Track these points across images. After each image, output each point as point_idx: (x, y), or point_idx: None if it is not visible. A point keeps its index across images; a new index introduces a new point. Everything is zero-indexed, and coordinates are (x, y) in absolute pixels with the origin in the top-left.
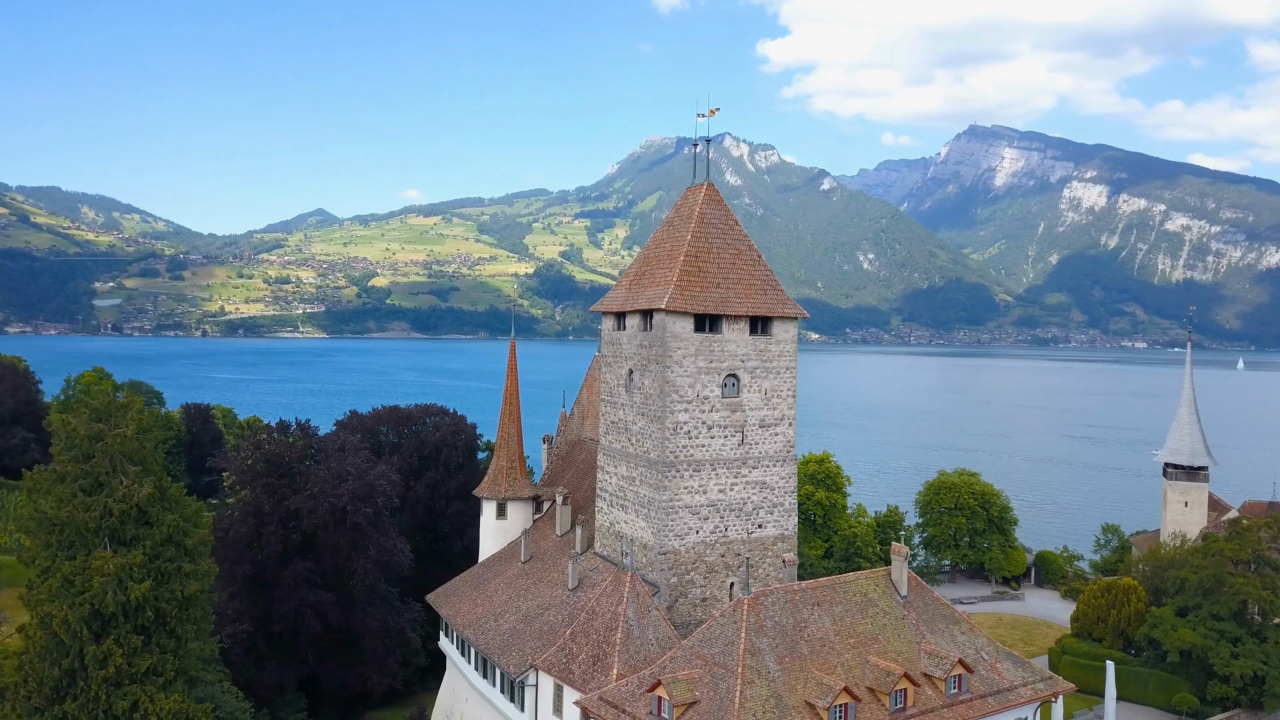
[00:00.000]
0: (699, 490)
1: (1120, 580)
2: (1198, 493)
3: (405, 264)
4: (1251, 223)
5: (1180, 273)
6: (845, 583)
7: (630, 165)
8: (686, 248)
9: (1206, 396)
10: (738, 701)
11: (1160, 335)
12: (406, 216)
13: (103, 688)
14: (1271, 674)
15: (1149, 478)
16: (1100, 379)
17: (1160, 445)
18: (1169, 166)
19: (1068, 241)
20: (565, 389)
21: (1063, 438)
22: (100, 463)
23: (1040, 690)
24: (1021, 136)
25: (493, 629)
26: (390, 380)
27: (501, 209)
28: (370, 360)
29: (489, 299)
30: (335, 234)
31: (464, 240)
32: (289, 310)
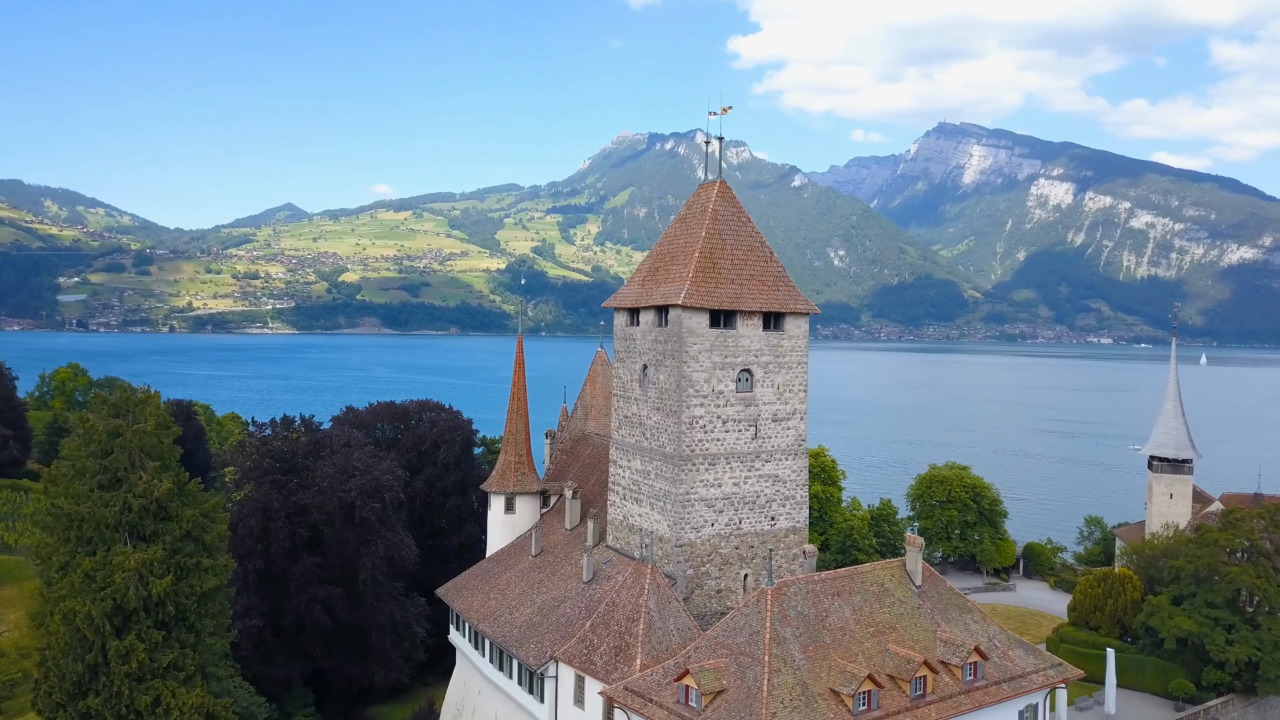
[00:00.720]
0: (714, 483)
1: (1116, 570)
2: (1182, 485)
3: (376, 259)
4: (1214, 220)
5: (1145, 269)
6: (862, 573)
7: (602, 161)
8: (701, 244)
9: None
10: (765, 689)
11: (1125, 331)
12: (377, 211)
13: (125, 683)
14: (1265, 659)
15: (1127, 471)
16: (1069, 374)
17: (1136, 440)
18: (1134, 165)
19: (1035, 238)
20: (566, 385)
21: (1038, 432)
22: (119, 458)
23: (1051, 676)
24: (990, 134)
25: (508, 622)
26: (365, 376)
27: (473, 204)
28: (343, 356)
29: (460, 294)
30: (305, 229)
31: (435, 235)
32: (258, 306)
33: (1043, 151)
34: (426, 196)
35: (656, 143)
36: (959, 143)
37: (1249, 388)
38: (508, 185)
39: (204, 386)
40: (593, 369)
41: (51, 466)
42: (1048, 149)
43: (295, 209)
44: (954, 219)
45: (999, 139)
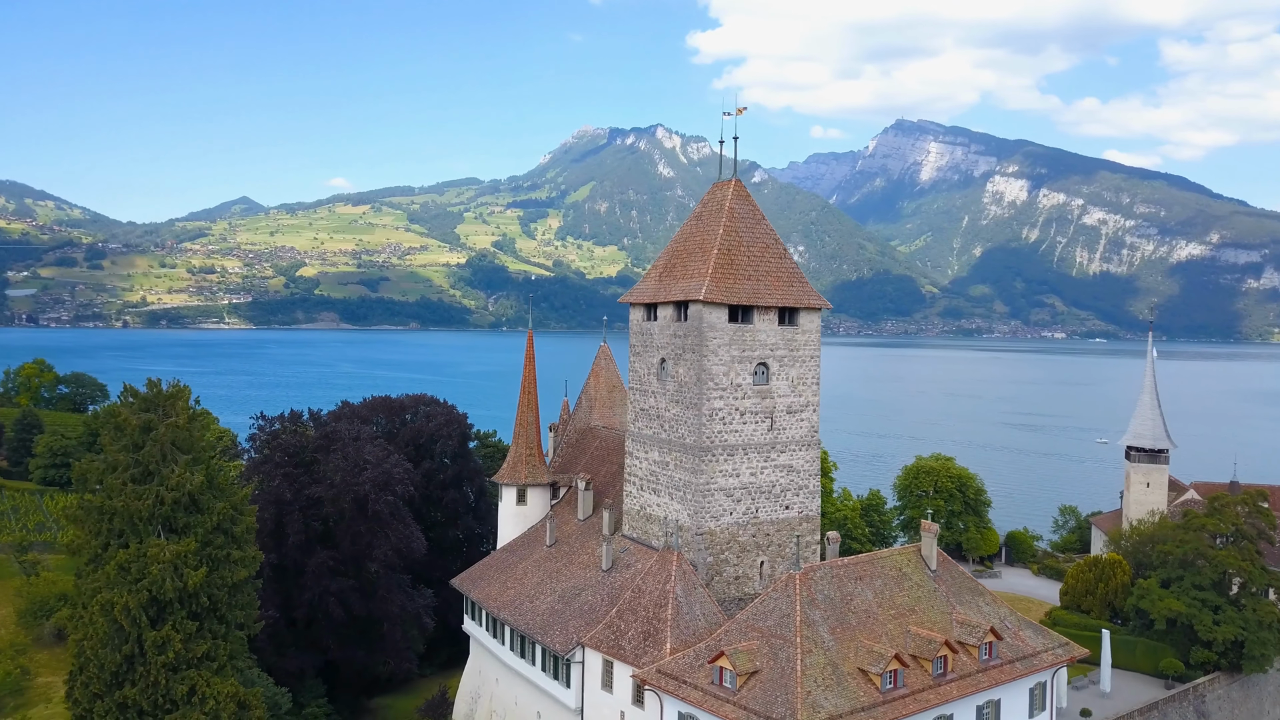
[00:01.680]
0: (732, 474)
1: (1105, 555)
2: (1158, 474)
3: (334, 253)
4: (1163, 217)
5: (1097, 265)
6: (882, 558)
7: (563, 155)
8: (719, 241)
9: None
10: (799, 670)
11: (1078, 326)
12: (334, 205)
13: (162, 673)
14: (1250, 638)
15: (1095, 463)
16: (1027, 369)
17: (1101, 433)
18: (1086, 162)
19: (990, 234)
20: (553, 379)
21: (1003, 426)
22: (151, 452)
23: (1059, 655)
24: (946, 131)
25: (529, 610)
26: (330, 372)
27: (432, 198)
28: (304, 352)
29: (420, 289)
30: (261, 223)
31: (394, 230)
32: (214, 301)
33: (998, 149)
34: (385, 190)
35: (617, 137)
36: (916, 140)
37: (1201, 380)
38: (467, 179)
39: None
40: (596, 363)
41: (82, 462)
42: (1003, 146)
43: (251, 202)
44: (911, 215)
45: (956, 136)
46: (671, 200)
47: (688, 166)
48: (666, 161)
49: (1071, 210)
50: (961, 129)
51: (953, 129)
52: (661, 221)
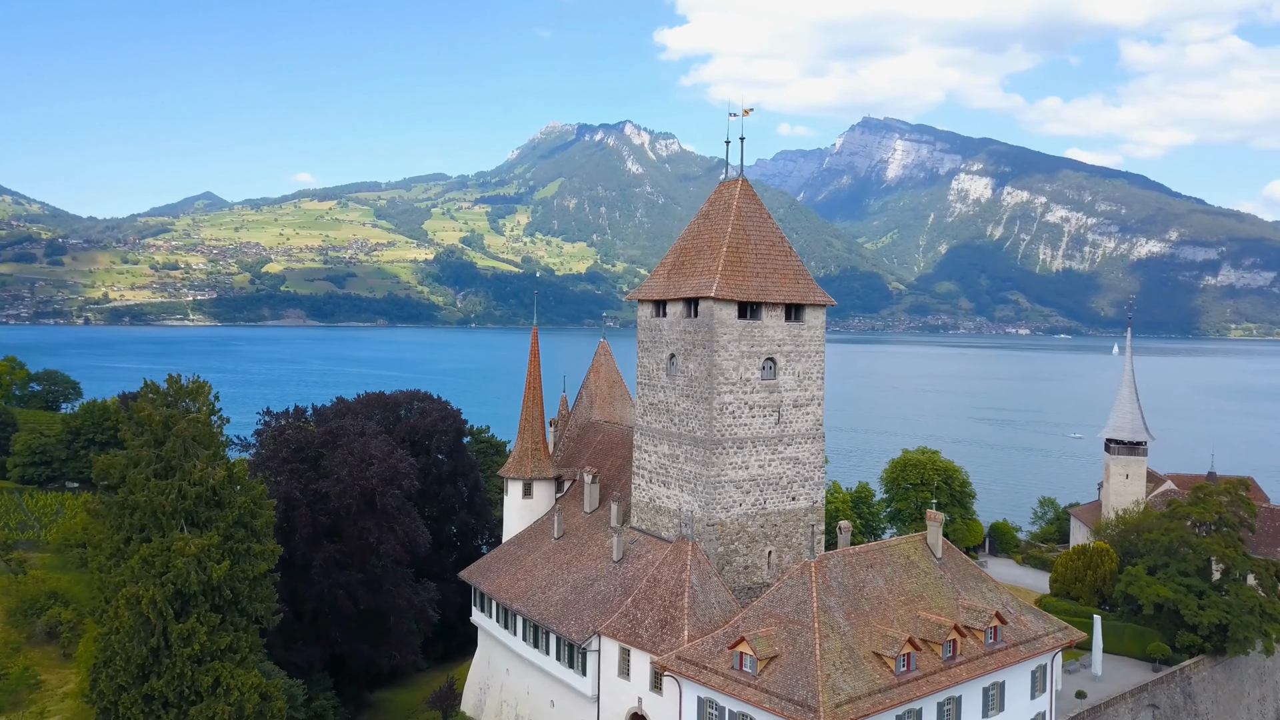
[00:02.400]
0: (742, 466)
1: (1093, 544)
2: (1137, 466)
3: (300, 249)
4: (1124, 215)
5: (1060, 262)
6: (890, 546)
7: (531, 151)
8: (728, 239)
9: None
10: (818, 654)
11: (1042, 322)
12: (300, 200)
13: (187, 665)
14: (1233, 622)
15: (1070, 456)
16: (994, 364)
17: (1073, 427)
18: (1049, 161)
19: (956, 232)
20: (566, 374)
21: (974, 420)
22: (173, 447)
23: (1060, 639)
24: (912, 129)
25: (542, 601)
26: (301, 370)
27: (399, 194)
28: (273, 349)
29: (387, 285)
30: (225, 218)
31: (360, 225)
32: (177, 297)
33: (963, 147)
34: (351, 186)
35: (586, 134)
36: (883, 137)
37: (1166, 376)
38: (435, 175)
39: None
40: (596, 359)
41: (102, 458)
42: (968, 144)
43: (215, 198)
44: (878, 212)
45: (921, 134)
46: (640, 197)
47: (656, 163)
48: (635, 158)
49: (1035, 208)
50: (927, 127)
51: (918, 127)
52: (630, 218)
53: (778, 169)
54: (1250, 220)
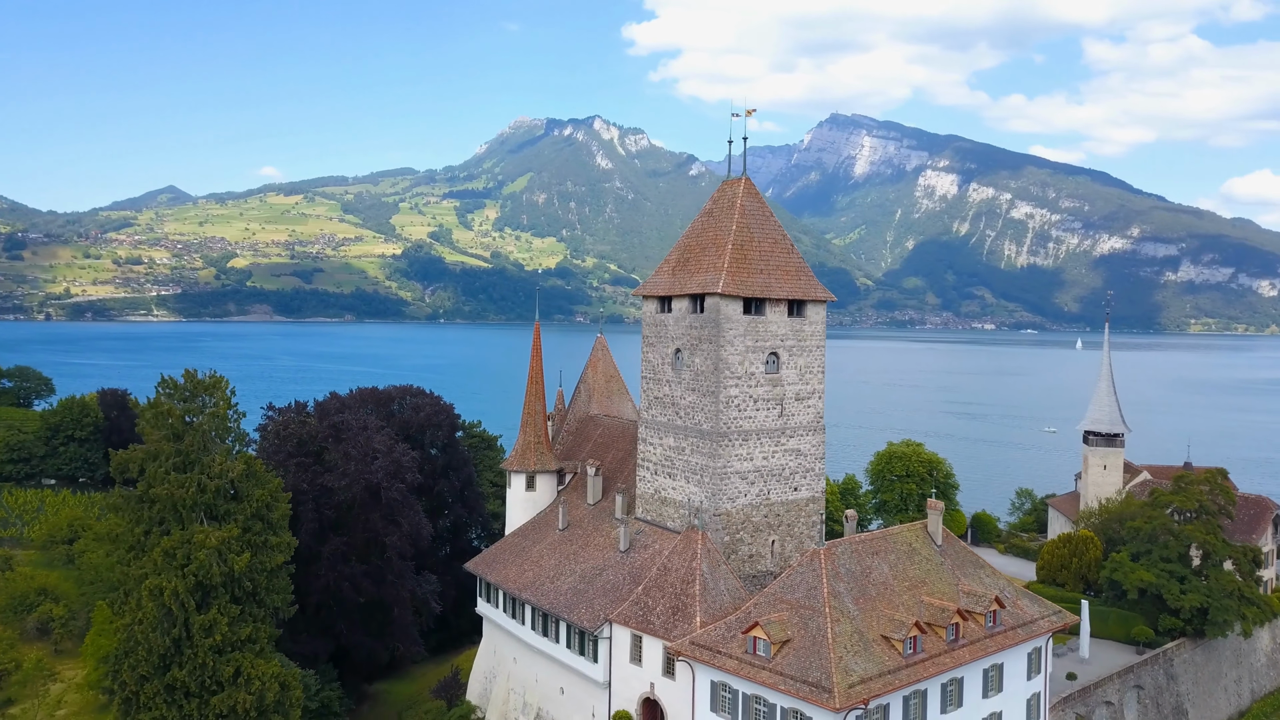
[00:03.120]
0: (746, 458)
1: (1079, 532)
2: (1115, 457)
3: (266, 244)
4: (1087, 211)
5: (1024, 258)
6: (893, 534)
7: (499, 146)
8: (733, 237)
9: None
10: (830, 637)
11: (1007, 317)
12: (266, 195)
13: (209, 655)
14: (1213, 606)
15: (1043, 449)
16: (962, 359)
17: (1046, 420)
18: (1014, 158)
19: (922, 228)
20: (561, 369)
21: (946, 414)
22: (193, 441)
23: (1054, 622)
24: (880, 125)
25: (552, 590)
26: (271, 366)
27: (366, 188)
28: (241, 345)
29: (355, 281)
30: (189, 212)
31: (327, 220)
32: (141, 293)
33: (929, 144)
34: (318, 180)
35: (555, 128)
36: (850, 134)
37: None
38: (402, 169)
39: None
40: (593, 354)
41: (120, 453)
42: (934, 141)
43: (178, 192)
44: (845, 209)
45: (888, 130)
46: (610, 192)
47: (625, 158)
48: (605, 153)
49: (1000, 204)
50: (894, 124)
51: (885, 123)
52: (600, 213)
53: (747, 165)
54: (1209, 217)
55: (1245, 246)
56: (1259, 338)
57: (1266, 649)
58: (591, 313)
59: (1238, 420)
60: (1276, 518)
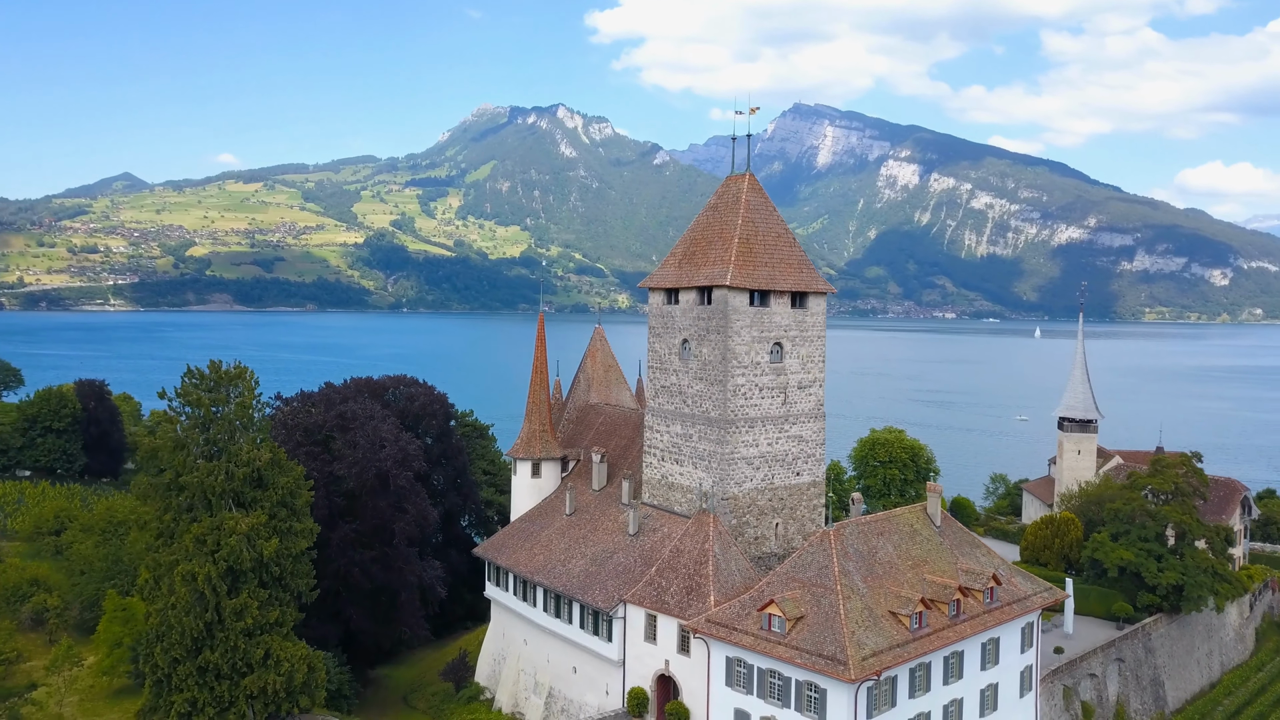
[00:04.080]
0: (752, 444)
1: (1060, 514)
2: (1088, 442)
3: (225, 233)
4: (1045, 202)
5: (984, 248)
6: (895, 516)
7: (462, 134)
8: (739, 231)
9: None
10: (842, 613)
11: (967, 306)
12: (225, 182)
13: (240, 638)
14: (1189, 583)
15: (1013, 436)
16: (926, 348)
17: (1013, 407)
18: (974, 148)
19: (884, 218)
20: (558, 359)
21: (915, 402)
22: (220, 430)
23: (1046, 598)
24: (842, 116)
25: (564, 573)
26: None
27: (327, 176)
28: (203, 335)
29: (317, 270)
30: (146, 200)
31: (288, 208)
32: (97, 281)
33: (891, 134)
34: (277, 167)
35: (518, 116)
36: (813, 124)
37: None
38: (364, 157)
39: (71, 368)
40: (592, 344)
41: (149, 441)
42: (896, 131)
43: (134, 179)
44: (809, 198)
45: (851, 121)
46: (574, 180)
47: (590, 146)
48: (569, 141)
49: (960, 194)
50: (857, 114)
51: (848, 114)
52: (565, 202)
53: (710, 154)
54: (1163, 208)
55: (1198, 237)
56: (1210, 326)
57: (1235, 624)
58: (557, 302)
59: (1198, 407)
60: (1244, 499)
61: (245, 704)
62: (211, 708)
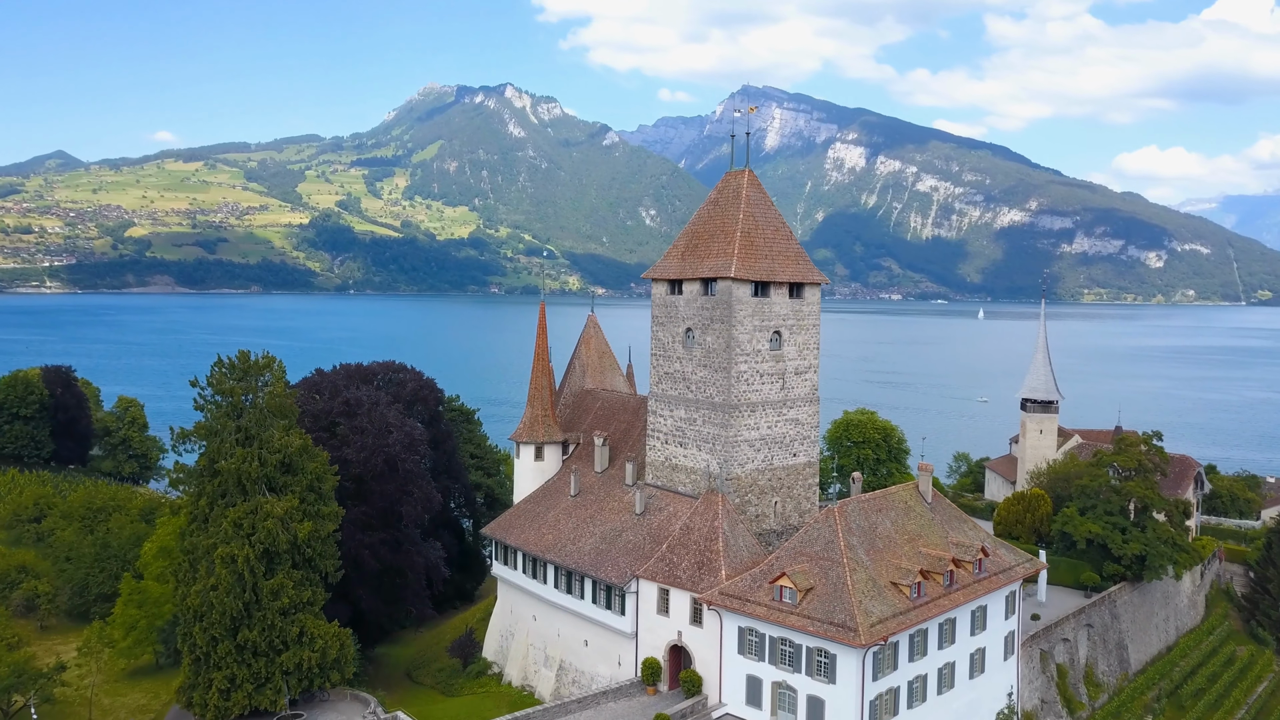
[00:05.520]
0: (754, 427)
1: (1030, 490)
2: (1050, 423)
3: (165, 213)
4: (988, 185)
5: (929, 230)
6: (891, 494)
7: (408, 113)
8: (741, 225)
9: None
10: (849, 584)
11: (913, 288)
12: (164, 161)
13: (277, 617)
14: (1151, 553)
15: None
16: (876, 329)
17: (975, 390)
18: (919, 131)
19: (832, 200)
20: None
21: (869, 384)
22: (252, 417)
23: (1028, 568)
24: (790, 98)
25: (574, 551)
26: (186, 340)
27: (270, 155)
28: (149, 319)
29: (261, 251)
30: (82, 179)
31: (230, 188)
32: (32, 263)
33: (838, 117)
34: (218, 146)
35: (466, 95)
36: (762, 106)
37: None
38: (308, 136)
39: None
40: (586, 332)
41: (182, 429)
42: (843, 114)
43: (68, 157)
44: None
45: (799, 103)
46: (523, 161)
47: (538, 127)
48: (517, 121)
49: (906, 177)
50: (804, 96)
51: (796, 96)
52: (514, 182)
53: (659, 135)
54: (1101, 191)
55: (1134, 220)
56: (1146, 307)
57: (1188, 591)
58: (506, 283)
59: (1141, 387)
60: (1197, 475)
61: (281, 679)
62: (249, 684)
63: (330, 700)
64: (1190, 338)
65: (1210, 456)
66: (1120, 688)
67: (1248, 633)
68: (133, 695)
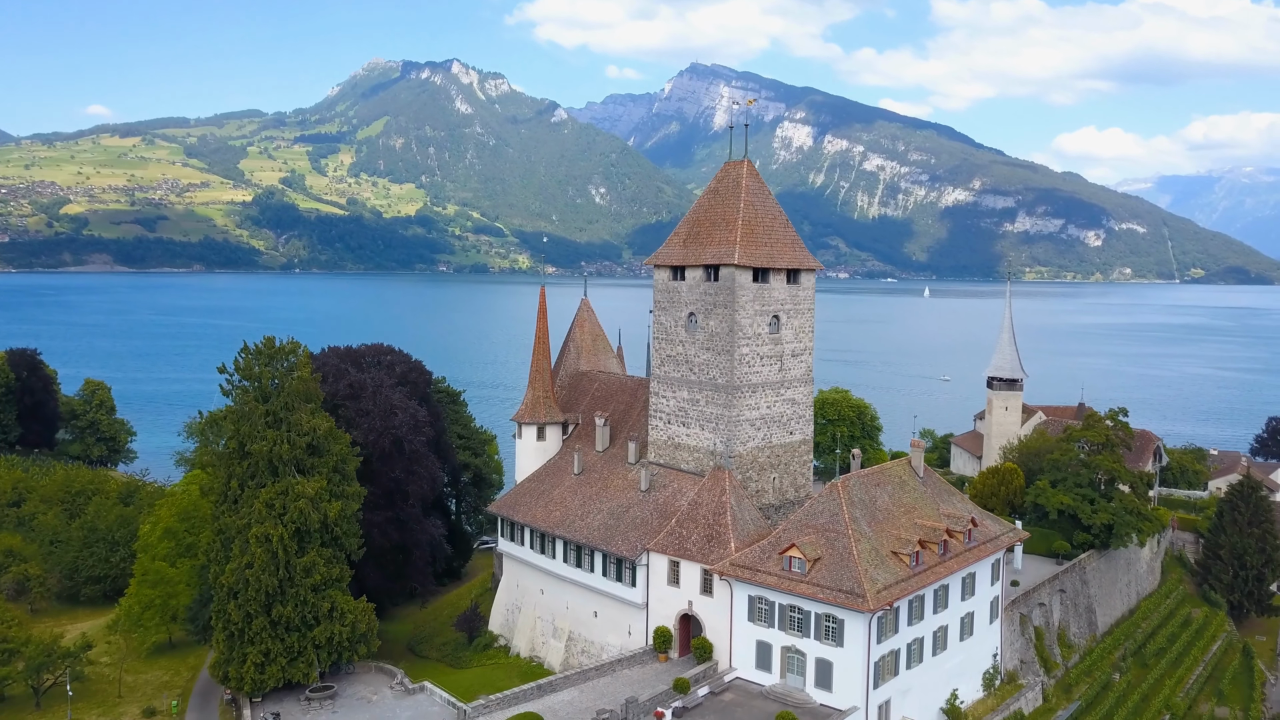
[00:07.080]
0: (754, 407)
1: (1003, 465)
2: (1015, 400)
3: (102, 189)
4: (933, 164)
5: (876, 209)
6: (887, 469)
7: (352, 89)
8: (742, 214)
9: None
10: (855, 553)
11: (860, 266)
12: (99, 136)
13: (309, 593)
14: (1118, 522)
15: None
16: (826, 308)
17: (937, 369)
18: (866, 111)
19: (780, 179)
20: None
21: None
22: (279, 401)
23: (1012, 538)
24: (739, 76)
25: (583, 526)
26: (133, 321)
27: (211, 130)
28: (93, 299)
29: (203, 229)
30: (13, 154)
31: (169, 164)
32: None
33: (786, 95)
34: (156, 121)
35: (411, 71)
36: (710, 84)
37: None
38: (249, 111)
39: None
40: (579, 315)
41: (212, 412)
42: (790, 93)
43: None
44: (705, 159)
45: (747, 81)
46: (471, 137)
47: (486, 103)
48: (464, 97)
49: (853, 156)
50: (753, 74)
51: (744, 74)
52: (461, 159)
53: (608, 113)
54: (1042, 171)
55: (1074, 200)
56: (1085, 285)
57: (1147, 558)
58: (455, 262)
59: (1087, 364)
60: (1156, 449)
61: (313, 653)
62: (283, 657)
63: (356, 673)
64: (1129, 315)
65: (1158, 431)
66: (1090, 648)
67: (1201, 596)
68: (153, 672)
